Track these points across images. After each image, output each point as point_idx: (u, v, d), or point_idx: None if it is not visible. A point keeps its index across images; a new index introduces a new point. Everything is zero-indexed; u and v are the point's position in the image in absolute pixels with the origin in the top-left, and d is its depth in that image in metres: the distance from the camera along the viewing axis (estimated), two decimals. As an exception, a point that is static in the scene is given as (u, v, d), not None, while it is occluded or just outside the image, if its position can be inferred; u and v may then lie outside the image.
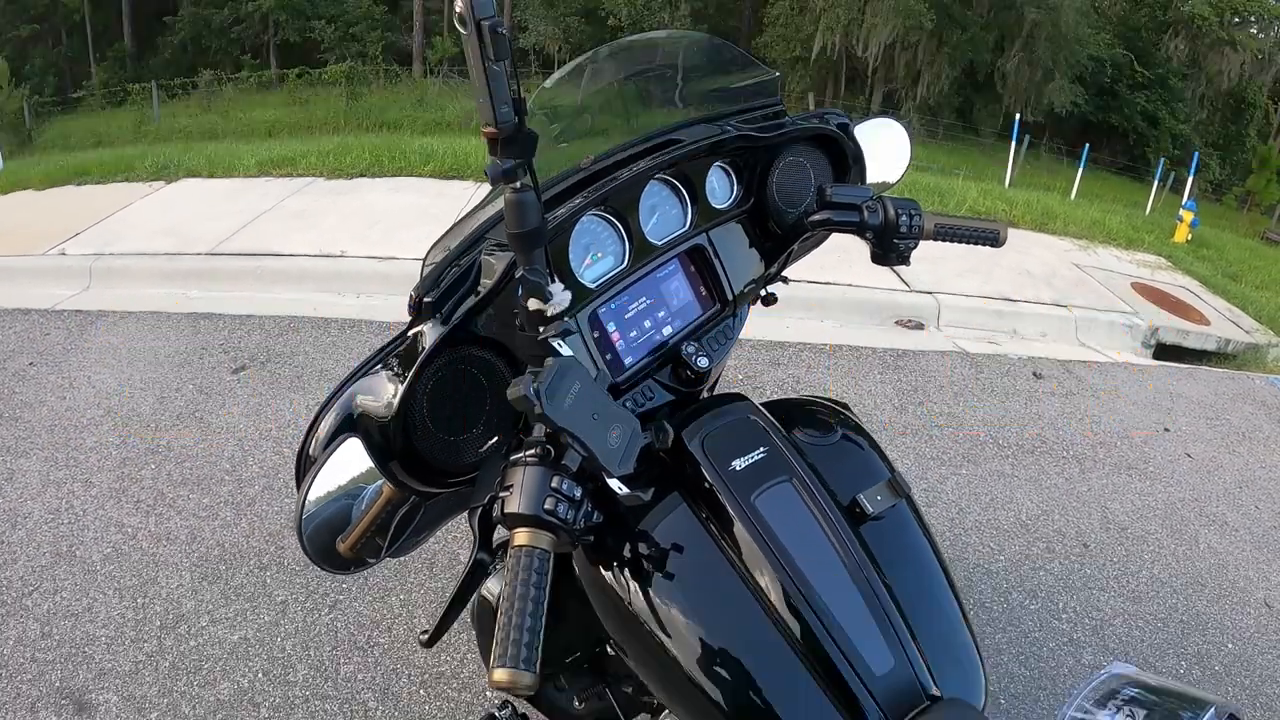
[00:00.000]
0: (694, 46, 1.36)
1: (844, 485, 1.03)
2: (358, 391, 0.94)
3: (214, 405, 3.24)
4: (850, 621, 0.90)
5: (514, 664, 0.68)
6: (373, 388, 0.93)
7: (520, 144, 0.79)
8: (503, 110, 0.76)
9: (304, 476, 0.91)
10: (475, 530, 0.87)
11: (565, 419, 0.78)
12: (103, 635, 2.17)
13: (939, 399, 3.69)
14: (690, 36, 1.34)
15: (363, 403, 0.93)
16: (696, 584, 0.94)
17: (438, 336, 0.91)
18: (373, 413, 0.92)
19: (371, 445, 0.90)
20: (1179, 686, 0.77)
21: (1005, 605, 2.47)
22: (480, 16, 0.72)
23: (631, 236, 1.15)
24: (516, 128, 0.77)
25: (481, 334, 0.96)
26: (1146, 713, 0.73)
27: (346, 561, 0.93)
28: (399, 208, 5.71)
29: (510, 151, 0.79)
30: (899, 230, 1.19)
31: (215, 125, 19.17)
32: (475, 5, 0.72)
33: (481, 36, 0.73)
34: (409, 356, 0.92)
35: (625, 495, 0.83)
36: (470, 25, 0.72)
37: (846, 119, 1.36)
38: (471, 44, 0.73)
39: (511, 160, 0.79)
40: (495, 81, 0.75)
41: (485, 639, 1.24)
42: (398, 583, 2.36)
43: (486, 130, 0.77)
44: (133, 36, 30.55)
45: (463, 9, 0.72)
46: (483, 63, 0.74)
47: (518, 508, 0.77)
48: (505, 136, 0.77)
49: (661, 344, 1.16)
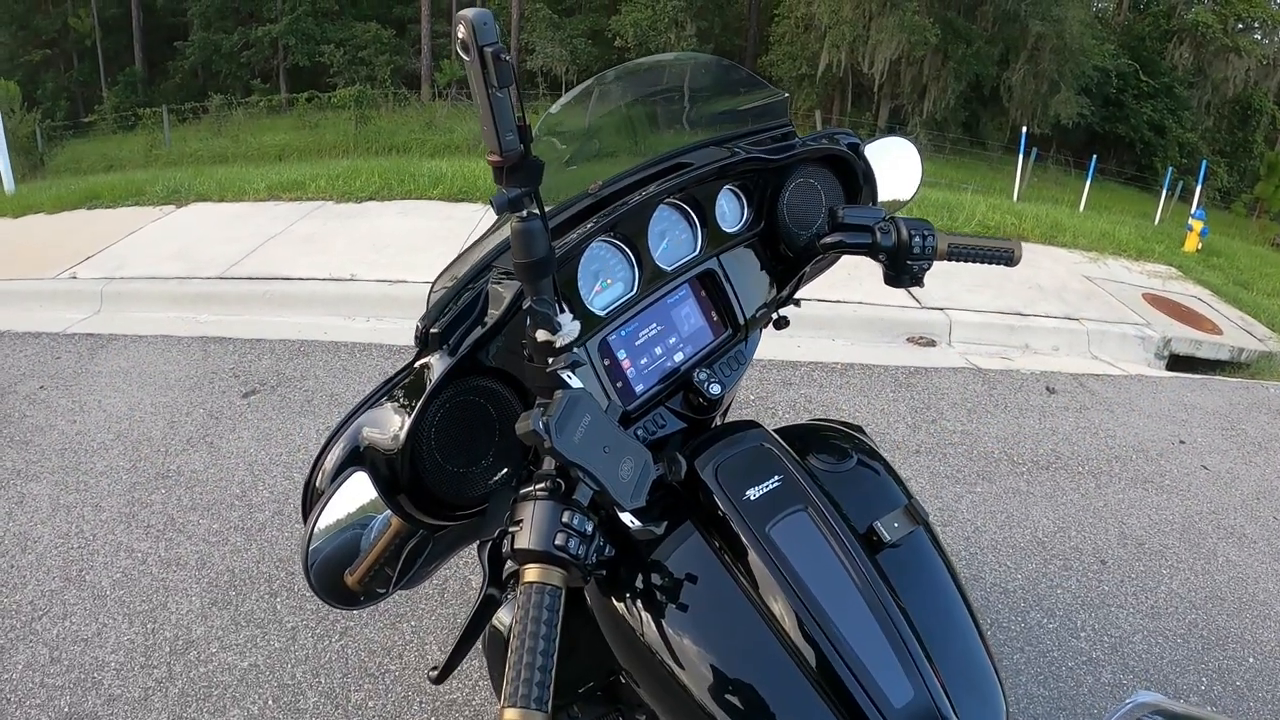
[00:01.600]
0: (701, 68, 1.35)
1: (860, 512, 1.01)
2: (365, 424, 0.93)
3: (224, 429, 3.24)
4: (868, 652, 0.88)
5: (525, 704, 0.66)
6: (379, 420, 0.92)
7: (526, 172, 0.78)
8: (508, 138, 0.75)
9: (310, 510, 0.89)
10: (485, 565, 0.85)
11: (575, 453, 0.77)
12: (112, 661, 2.16)
13: (952, 416, 3.67)
14: (698, 58, 1.33)
15: (369, 435, 0.92)
16: (710, 615, 0.92)
17: (445, 368, 0.90)
18: (380, 445, 0.91)
19: (378, 478, 0.88)
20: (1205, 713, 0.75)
21: (1023, 624, 2.43)
22: (483, 43, 0.71)
23: (641, 262, 1.14)
24: (522, 155, 0.76)
25: (489, 365, 0.95)
26: None
27: (354, 595, 0.90)
28: (408, 231, 5.73)
29: (516, 180, 0.78)
30: (912, 251, 1.18)
31: (225, 149, 19.34)
32: (477, 32, 0.70)
33: (485, 63, 0.72)
34: (416, 388, 0.91)
35: (638, 530, 0.81)
36: (473, 52, 0.71)
37: (856, 138, 1.34)
38: (475, 71, 0.72)
39: (517, 189, 0.78)
40: (499, 109, 0.74)
41: (497, 668, 1.22)
42: (409, 609, 2.34)
43: (492, 158, 0.76)
44: (143, 61, 30.99)
45: (465, 36, 0.71)
46: (486, 90, 0.73)
47: (528, 544, 0.76)
48: (511, 165, 0.76)
49: (673, 371, 1.15)
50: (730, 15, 30.72)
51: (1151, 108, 27.42)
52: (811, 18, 24.94)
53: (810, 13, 24.91)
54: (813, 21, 24.96)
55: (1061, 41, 23.64)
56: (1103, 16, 29.39)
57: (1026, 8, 23.79)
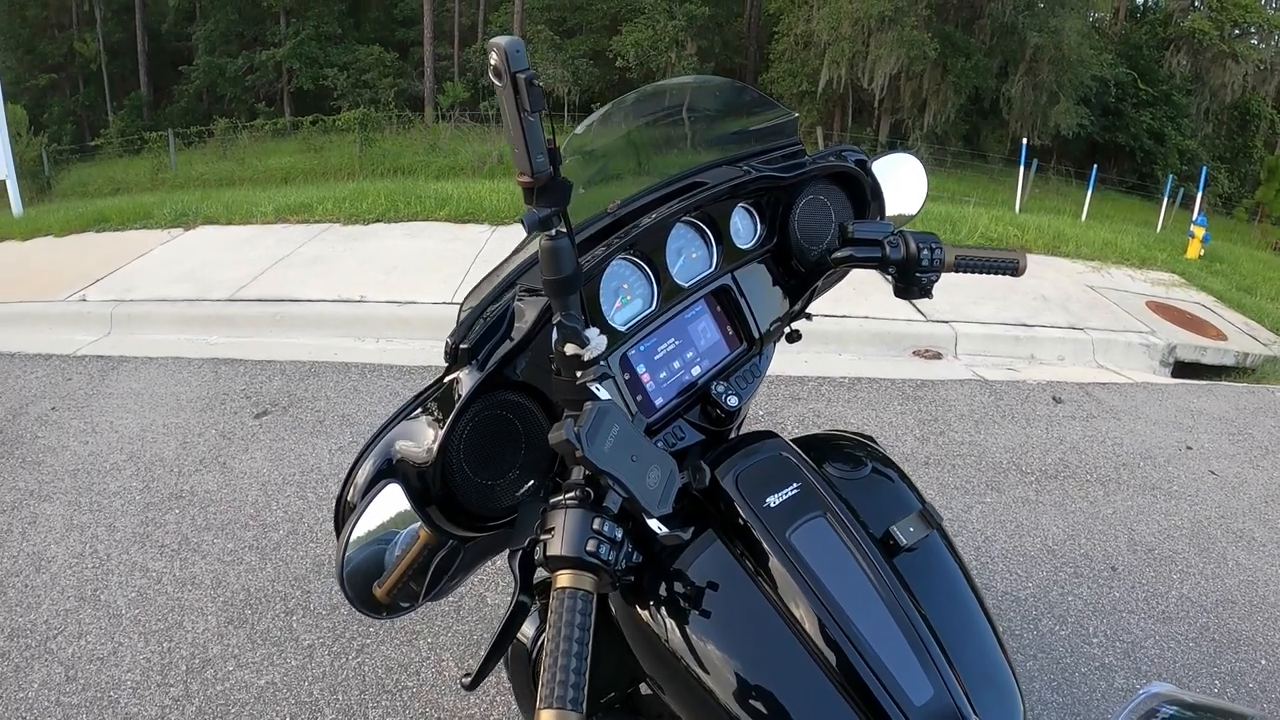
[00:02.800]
0: (715, 90, 1.38)
1: (876, 518, 1.03)
2: (396, 438, 0.95)
3: (236, 450, 3.27)
4: (888, 652, 0.90)
5: (561, 705, 0.68)
6: (411, 434, 0.94)
7: (555, 192, 0.80)
8: (538, 160, 0.77)
9: (343, 524, 0.91)
10: (516, 573, 0.87)
11: (606, 461, 0.79)
12: (129, 679, 2.17)
13: (960, 428, 3.68)
14: (712, 81, 1.36)
15: (402, 449, 0.94)
16: (734, 619, 0.94)
17: (475, 382, 0.92)
18: (412, 458, 0.93)
19: (410, 491, 0.90)
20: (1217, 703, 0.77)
21: (1035, 632, 2.44)
22: (515, 69, 0.74)
23: (660, 279, 1.16)
24: (551, 177, 0.79)
25: (516, 379, 0.97)
26: None
27: (385, 606, 0.93)
28: (416, 252, 5.77)
29: (546, 200, 0.80)
30: (920, 264, 1.20)
31: (231, 172, 19.48)
32: (510, 59, 0.73)
33: (517, 89, 0.74)
34: (446, 402, 0.94)
35: (665, 535, 0.84)
36: (505, 78, 0.74)
37: (864, 155, 1.37)
38: (507, 96, 0.75)
39: (547, 208, 0.81)
40: (531, 132, 0.76)
41: (519, 680, 1.24)
42: (425, 626, 2.35)
43: (522, 180, 0.79)
44: (149, 85, 31.28)
45: (498, 62, 0.74)
46: (519, 114, 0.75)
47: (560, 550, 0.78)
48: (541, 185, 0.79)
49: (691, 384, 1.17)
50: (730, 34, 30.93)
51: (1151, 116, 27.52)
52: (811, 35, 25.10)
53: (810, 30, 25.07)
54: (812, 38, 25.11)
55: (1059, 52, 23.76)
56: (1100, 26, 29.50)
57: (1024, 19, 23.94)
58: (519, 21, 27.24)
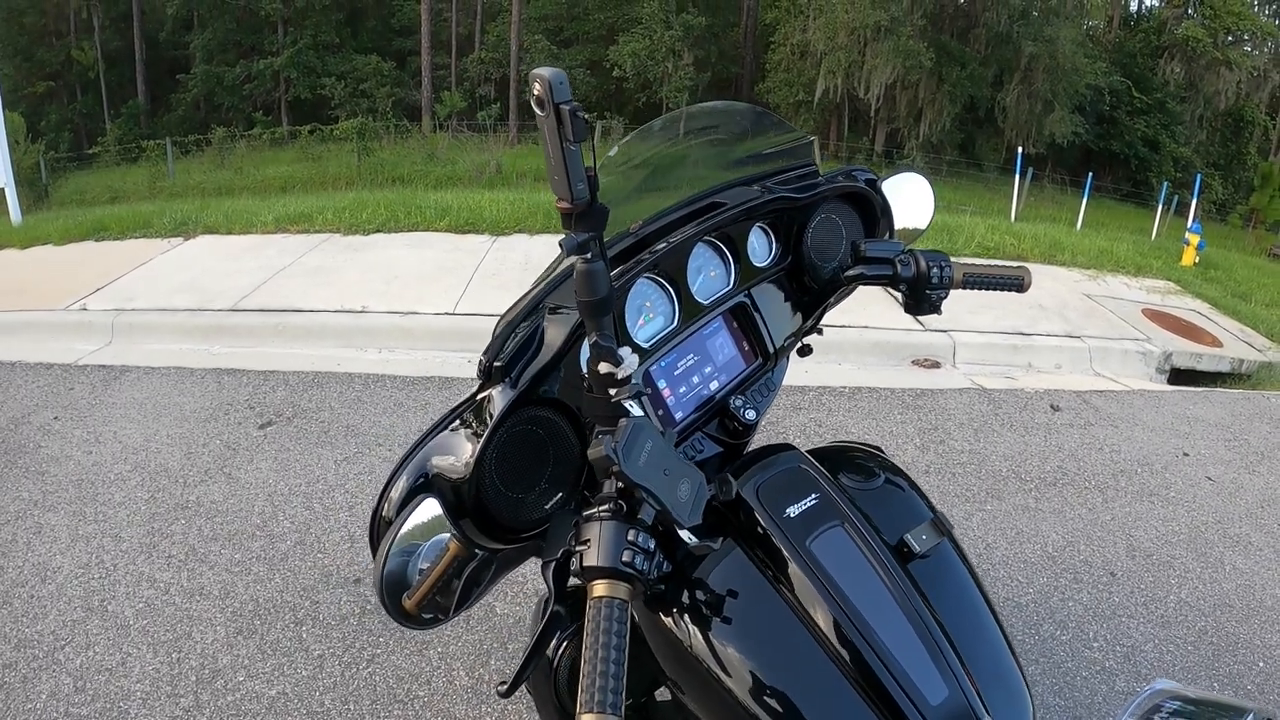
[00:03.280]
0: (738, 115, 1.42)
1: (891, 527, 1.07)
2: (431, 454, 0.98)
3: (242, 460, 3.28)
4: (906, 655, 0.94)
5: (601, 709, 0.70)
6: (446, 449, 0.97)
7: (593, 218, 0.83)
8: (578, 188, 0.80)
9: (380, 539, 0.94)
10: (550, 584, 0.90)
11: (641, 476, 0.82)
12: (138, 690, 2.18)
13: (960, 436, 3.71)
14: (735, 106, 1.40)
15: (438, 464, 0.97)
16: (755, 624, 0.98)
17: (509, 399, 0.95)
18: (448, 473, 0.95)
19: (446, 504, 0.93)
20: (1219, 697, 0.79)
21: (1037, 637, 2.47)
22: (558, 100, 0.76)
23: (681, 297, 1.20)
24: (589, 203, 0.82)
25: (545, 395, 1.00)
26: None
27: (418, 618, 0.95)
28: (417, 262, 5.80)
29: (584, 225, 0.83)
30: (930, 281, 1.25)
31: (229, 181, 19.45)
32: (554, 90, 0.76)
33: (560, 120, 0.77)
34: (480, 418, 0.96)
35: (697, 545, 0.86)
36: (549, 109, 0.76)
37: (874, 175, 1.41)
38: (550, 126, 0.77)
39: (585, 233, 0.83)
40: (572, 161, 0.79)
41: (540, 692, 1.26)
42: (435, 636, 2.36)
43: (561, 205, 0.81)
44: (146, 94, 31.27)
45: (541, 93, 0.76)
46: (561, 143, 0.78)
47: (596, 560, 0.81)
48: (580, 211, 0.82)
49: (709, 398, 1.21)
50: (727, 44, 31.05)
51: (1145, 123, 27.68)
52: (807, 45, 25.22)
53: (806, 40, 25.19)
54: (808, 48, 25.22)
55: (1054, 61, 23.89)
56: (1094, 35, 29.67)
57: (1019, 29, 24.07)
58: (516, 31, 27.30)
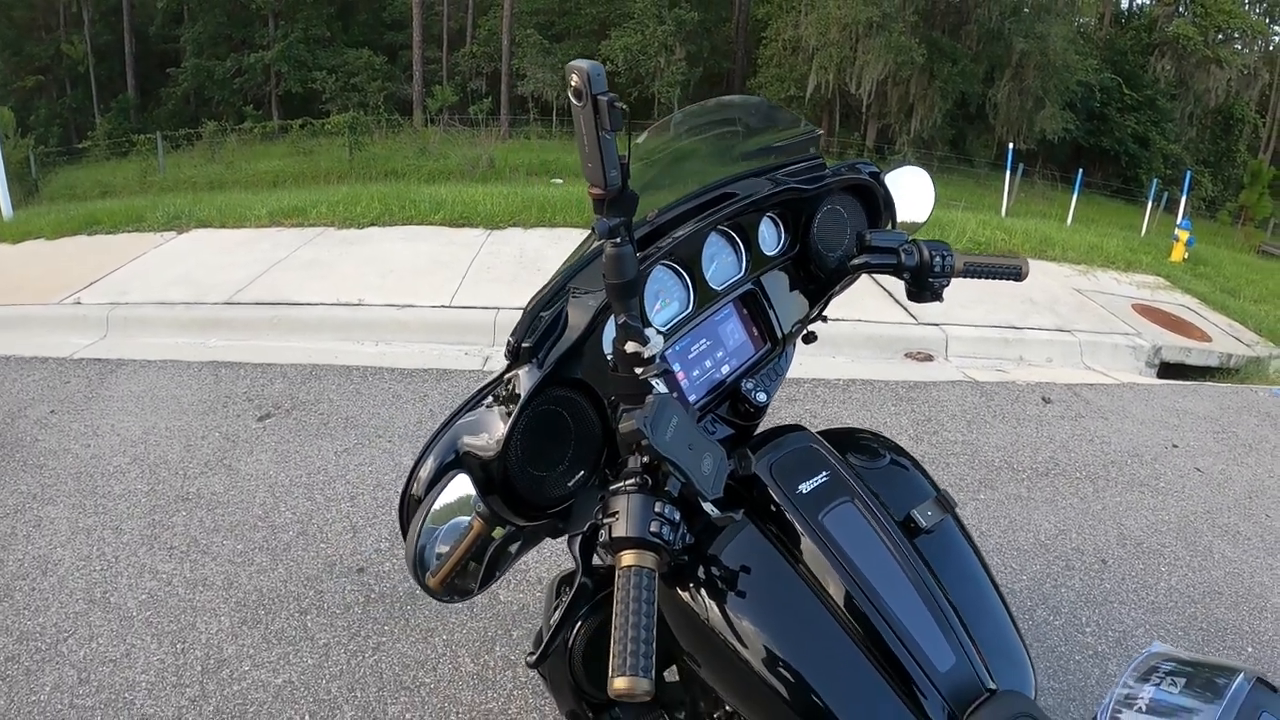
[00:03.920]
0: (751, 109, 1.47)
1: (897, 503, 1.12)
2: (460, 433, 1.01)
3: (241, 452, 3.29)
4: (914, 624, 0.99)
5: (634, 672, 0.73)
6: (476, 428, 1.00)
7: (624, 204, 0.87)
8: (611, 175, 0.83)
9: (410, 518, 0.97)
10: (577, 556, 0.94)
11: (668, 449, 0.85)
12: (143, 681, 2.18)
13: (952, 427, 3.75)
14: (748, 101, 1.44)
15: (468, 443, 1.00)
16: (770, 596, 1.02)
17: (536, 379, 0.98)
18: (478, 451, 0.98)
19: (476, 481, 0.96)
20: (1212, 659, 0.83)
21: (1030, 622, 2.51)
22: (596, 92, 0.79)
23: (695, 283, 1.24)
24: (621, 190, 0.85)
25: (569, 376, 1.03)
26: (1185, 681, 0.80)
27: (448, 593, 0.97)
28: (412, 255, 5.81)
29: (615, 210, 0.86)
30: (933, 270, 1.28)
31: (220, 175, 19.40)
32: (592, 82, 0.79)
33: (598, 110, 0.80)
34: (509, 398, 0.99)
35: (719, 517, 0.91)
36: (586, 99, 0.79)
37: (877, 169, 1.45)
38: (586, 115, 0.80)
39: (616, 218, 0.87)
40: (607, 149, 0.82)
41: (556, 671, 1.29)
42: (440, 624, 2.38)
43: (594, 191, 0.85)
44: (136, 88, 31.10)
45: (579, 84, 0.79)
46: (597, 132, 0.81)
47: (625, 531, 0.84)
48: (612, 198, 0.85)
49: (721, 382, 1.24)
50: (719, 39, 31.07)
51: (1135, 120, 27.83)
52: (799, 40, 25.25)
53: (798, 35, 25.23)
54: (800, 44, 25.27)
55: (1045, 58, 24.00)
56: (1085, 32, 29.82)
57: (1010, 25, 24.16)
58: (508, 25, 27.25)
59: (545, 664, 1.29)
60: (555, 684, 1.31)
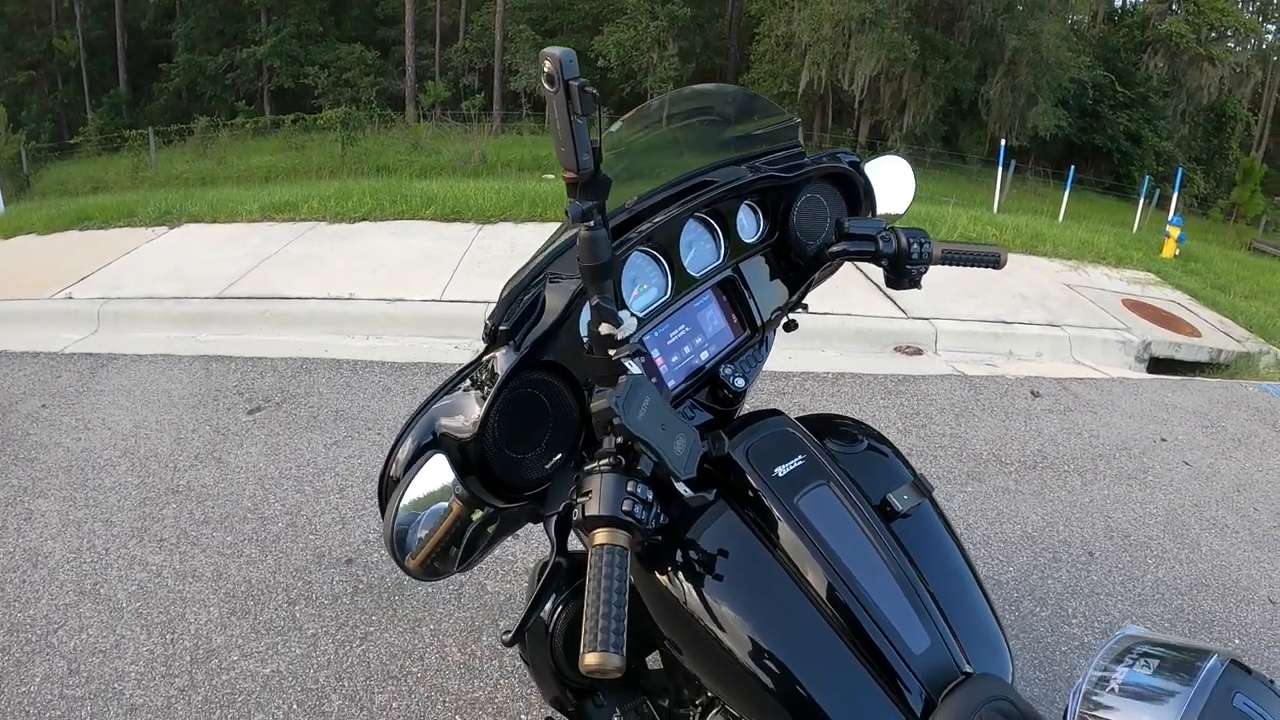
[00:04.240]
0: (728, 97, 1.47)
1: (874, 487, 1.12)
2: (438, 415, 1.02)
3: (231, 445, 3.29)
4: (890, 607, 0.99)
5: (605, 647, 0.74)
6: (453, 410, 1.01)
7: (597, 188, 0.88)
8: (584, 159, 0.84)
9: (388, 497, 0.98)
10: (552, 536, 0.95)
11: (639, 428, 0.86)
12: (132, 671, 2.19)
13: (941, 420, 3.77)
14: (725, 89, 1.45)
15: (445, 424, 1.01)
16: (747, 580, 1.02)
17: (513, 361, 0.99)
18: (455, 432, 0.99)
19: (453, 462, 0.97)
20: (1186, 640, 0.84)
21: (1016, 613, 2.53)
22: (568, 77, 0.80)
23: (673, 270, 1.24)
24: (594, 174, 0.86)
25: (546, 359, 1.04)
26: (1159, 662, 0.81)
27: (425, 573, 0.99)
28: (403, 250, 5.80)
29: (588, 194, 0.87)
30: (911, 257, 1.29)
31: (212, 171, 19.33)
32: (564, 68, 0.80)
33: (570, 95, 0.81)
34: (486, 380, 1.00)
35: (692, 497, 0.91)
36: (559, 85, 0.80)
37: (857, 158, 1.46)
38: (559, 101, 0.81)
39: (589, 202, 0.88)
40: (579, 134, 0.83)
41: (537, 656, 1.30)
42: (427, 614, 2.40)
43: (568, 176, 0.86)
44: (128, 83, 30.95)
45: (552, 70, 0.80)
46: (569, 117, 0.82)
47: (598, 510, 0.85)
48: (584, 181, 0.86)
49: (700, 368, 1.25)
50: (711, 34, 31.05)
51: (1128, 117, 27.90)
52: (792, 36, 25.26)
53: (790, 31, 25.24)
54: (793, 40, 25.28)
55: (1038, 55, 24.04)
56: (1078, 29, 29.90)
57: (1003, 22, 24.21)
58: (501, 20, 27.21)
59: (527, 649, 1.31)
60: (537, 669, 1.32)
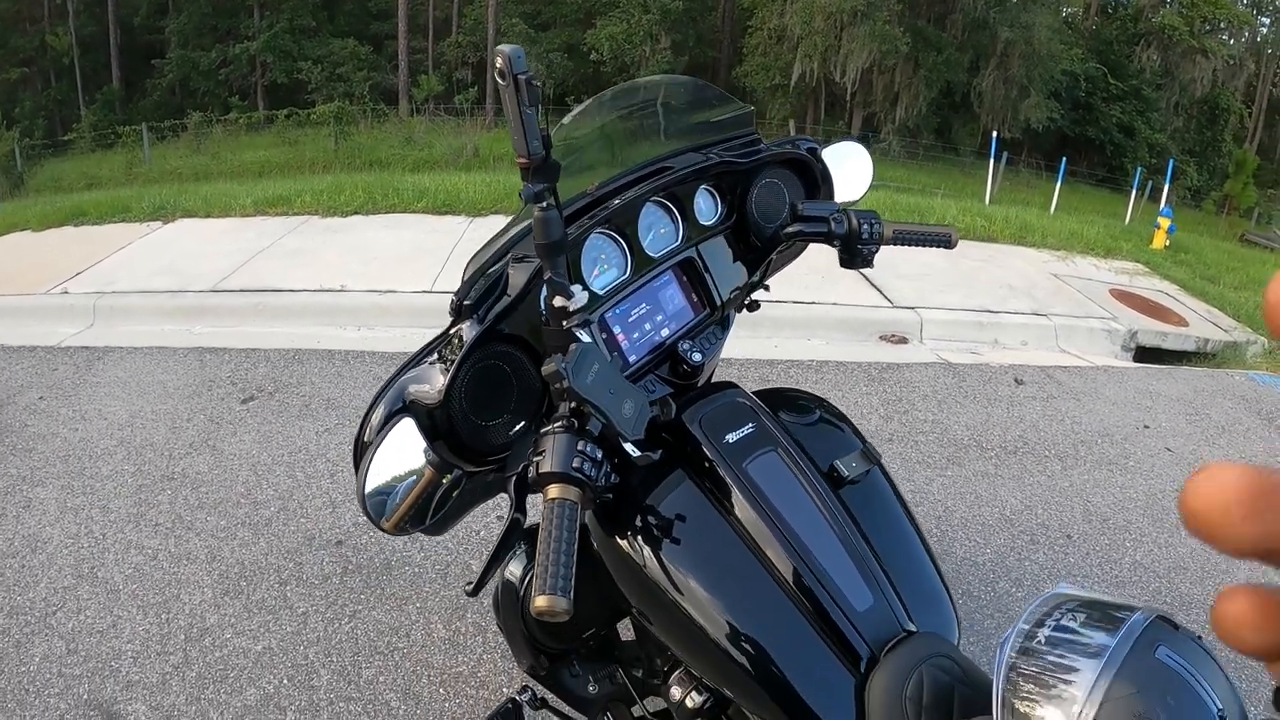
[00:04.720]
0: (681, 87, 1.54)
1: (822, 454, 1.19)
2: (408, 383, 1.09)
3: (225, 434, 3.35)
4: (834, 567, 1.05)
5: (553, 590, 0.81)
6: (421, 378, 1.08)
7: (547, 171, 0.95)
8: (534, 145, 0.92)
9: (361, 458, 1.04)
10: (511, 494, 1.02)
11: (588, 391, 0.94)
12: (129, 650, 2.26)
13: (924, 407, 3.82)
14: (678, 80, 1.52)
15: (414, 391, 1.08)
16: (701, 545, 1.09)
17: (476, 334, 1.06)
18: (423, 399, 1.06)
19: (421, 426, 1.03)
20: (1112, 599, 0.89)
21: (992, 593, 2.58)
22: (517, 71, 0.88)
23: (633, 250, 1.31)
24: (544, 159, 0.94)
25: (509, 332, 1.11)
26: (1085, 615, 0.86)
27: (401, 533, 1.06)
28: (395, 243, 5.86)
29: (539, 177, 0.95)
30: (861, 237, 1.36)
31: (206, 166, 19.31)
32: (513, 63, 0.88)
33: (519, 88, 0.89)
34: (452, 350, 1.07)
35: (638, 456, 0.99)
36: (509, 78, 0.89)
37: (815, 144, 1.52)
38: (510, 93, 0.89)
39: (541, 184, 0.95)
40: (528, 122, 0.91)
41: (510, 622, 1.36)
42: (414, 592, 2.46)
43: (520, 160, 0.93)
44: (121, 79, 30.82)
45: (503, 66, 0.88)
46: (519, 107, 0.90)
47: (550, 467, 0.92)
48: (535, 166, 0.94)
49: (660, 344, 1.32)
50: (704, 28, 31.00)
51: (1120, 110, 27.90)
52: (784, 29, 25.22)
53: (783, 24, 25.20)
54: (785, 33, 25.24)
55: (1030, 47, 24.04)
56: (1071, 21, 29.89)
57: (995, 15, 24.20)
58: (493, 15, 27.14)
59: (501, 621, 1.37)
60: (510, 635, 1.38)
